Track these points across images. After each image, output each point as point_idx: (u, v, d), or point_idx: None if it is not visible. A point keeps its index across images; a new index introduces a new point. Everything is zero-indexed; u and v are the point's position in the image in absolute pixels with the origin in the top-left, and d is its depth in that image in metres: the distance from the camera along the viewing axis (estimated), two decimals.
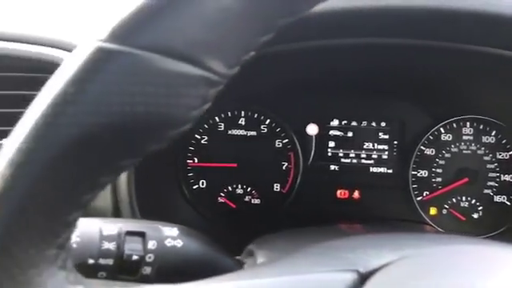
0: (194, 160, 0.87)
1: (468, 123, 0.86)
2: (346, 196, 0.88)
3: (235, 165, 0.86)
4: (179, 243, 0.48)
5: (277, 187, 0.88)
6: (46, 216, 0.27)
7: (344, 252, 0.36)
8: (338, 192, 0.88)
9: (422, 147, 0.87)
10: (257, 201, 0.88)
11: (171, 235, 0.48)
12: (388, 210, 0.88)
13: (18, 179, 0.25)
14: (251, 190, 0.88)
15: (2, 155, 0.26)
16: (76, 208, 0.28)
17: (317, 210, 0.87)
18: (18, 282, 0.26)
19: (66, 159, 0.26)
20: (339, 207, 0.88)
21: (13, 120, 0.60)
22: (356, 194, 0.88)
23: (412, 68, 0.76)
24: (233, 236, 0.60)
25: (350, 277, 0.32)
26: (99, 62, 0.26)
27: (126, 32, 0.26)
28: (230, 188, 0.87)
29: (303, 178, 0.87)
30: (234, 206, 0.87)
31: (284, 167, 0.87)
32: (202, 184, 0.87)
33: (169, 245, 0.47)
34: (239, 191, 0.88)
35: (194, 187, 0.87)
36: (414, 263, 0.33)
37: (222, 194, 0.87)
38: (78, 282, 0.29)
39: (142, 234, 0.46)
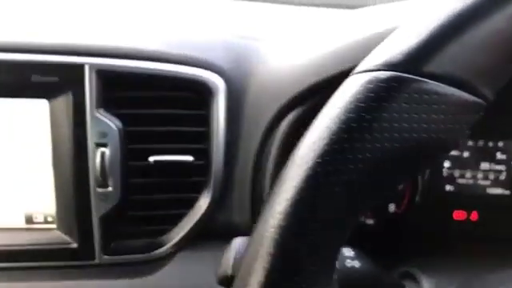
0: None
1: None
2: (464, 217, 0.86)
3: None
4: (357, 264, 0.48)
5: (391, 207, 0.87)
6: (333, 234, 0.28)
7: None
8: (455, 213, 0.87)
9: None
10: (371, 221, 0.87)
11: (350, 256, 0.48)
12: (508, 232, 0.85)
13: (315, 201, 0.27)
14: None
15: (290, 180, 0.27)
16: (352, 226, 0.29)
17: (433, 231, 0.86)
18: None
19: (355, 183, 0.27)
20: (456, 228, 0.86)
21: (161, 138, 0.62)
22: (474, 216, 0.86)
23: None
24: None
25: None
26: (393, 90, 0.27)
27: (415, 61, 0.27)
28: None
29: (419, 198, 0.86)
30: None
31: (399, 187, 0.86)
32: None
33: (349, 265, 0.48)
34: None
35: None
36: None
37: None
38: None
39: None
